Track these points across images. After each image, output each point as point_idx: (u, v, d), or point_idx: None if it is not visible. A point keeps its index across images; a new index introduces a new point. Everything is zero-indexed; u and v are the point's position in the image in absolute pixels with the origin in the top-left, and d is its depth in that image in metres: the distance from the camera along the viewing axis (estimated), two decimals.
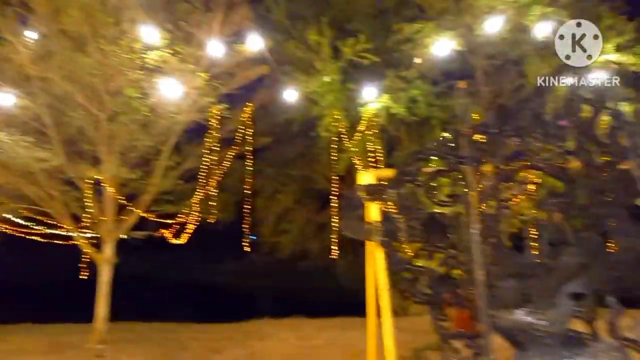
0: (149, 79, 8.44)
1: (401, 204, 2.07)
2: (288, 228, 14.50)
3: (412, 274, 2.00)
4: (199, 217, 11.76)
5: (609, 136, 2.24)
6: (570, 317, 2.00)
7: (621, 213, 2.14)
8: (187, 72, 8.62)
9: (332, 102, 10.60)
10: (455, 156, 2.16)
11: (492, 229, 2.09)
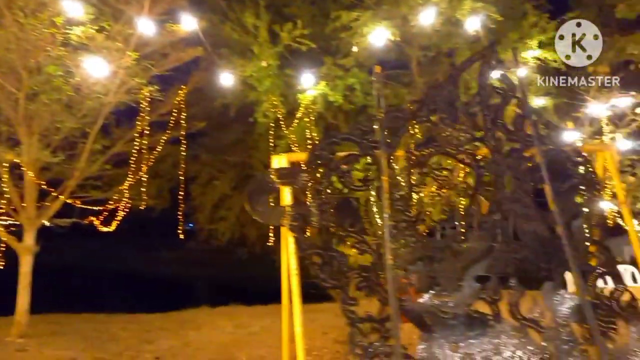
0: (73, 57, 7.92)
1: (313, 188, 2.03)
2: (225, 215, 14.25)
3: (322, 259, 1.97)
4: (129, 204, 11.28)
5: (515, 124, 2.30)
6: (475, 299, 2.05)
7: (525, 198, 2.22)
8: (114, 51, 8.15)
9: (269, 88, 10.44)
10: (369, 141, 2.14)
11: (403, 213, 2.09)
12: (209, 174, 13.78)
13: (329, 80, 10.34)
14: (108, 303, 13.43)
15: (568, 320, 2.12)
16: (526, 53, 9.52)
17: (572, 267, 2.13)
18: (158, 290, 15.80)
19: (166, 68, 9.51)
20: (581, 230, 2.22)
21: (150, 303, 13.45)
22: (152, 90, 9.32)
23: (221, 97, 11.43)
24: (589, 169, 2.32)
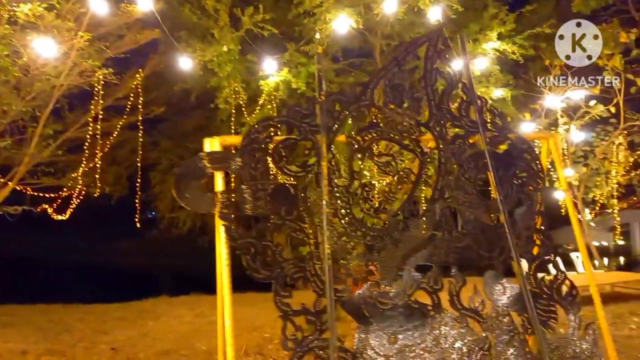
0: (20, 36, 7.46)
1: (248, 174, 1.89)
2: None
3: (255, 249, 1.84)
4: (84, 191, 10.85)
5: (460, 110, 2.23)
6: (415, 289, 1.98)
7: (468, 186, 2.15)
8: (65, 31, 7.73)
9: (230, 73, 10.14)
10: (309, 124, 2.02)
11: (344, 200, 1.99)
12: (169, 160, 13.39)
13: (291, 67, 10.15)
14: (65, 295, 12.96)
15: (508, 309, 2.08)
16: (486, 44, 9.58)
17: (514, 255, 2.08)
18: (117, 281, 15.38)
19: (122, 50, 9.13)
20: (523, 218, 2.17)
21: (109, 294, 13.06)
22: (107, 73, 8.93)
23: (181, 82, 11.08)
24: (533, 157, 2.27)
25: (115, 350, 8.68)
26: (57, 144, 9.79)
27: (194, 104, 12.22)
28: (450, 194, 2.14)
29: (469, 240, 2.10)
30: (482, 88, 9.56)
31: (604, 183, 10.98)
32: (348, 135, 2.09)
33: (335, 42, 10.22)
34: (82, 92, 9.50)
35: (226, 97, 10.34)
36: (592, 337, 2.13)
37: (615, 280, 10.48)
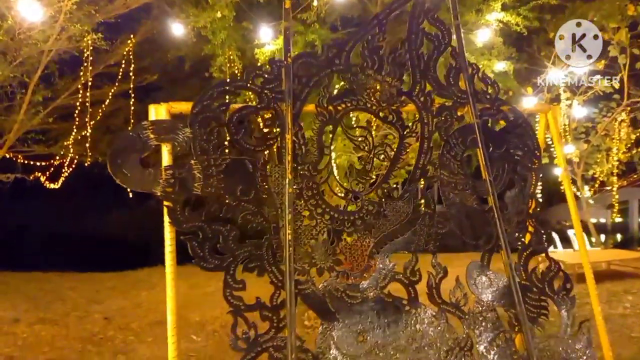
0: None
1: (199, 147, 1.61)
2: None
3: (203, 234, 1.58)
4: (76, 160, 10.62)
5: (448, 78, 1.93)
6: (389, 280, 1.72)
7: (453, 164, 1.87)
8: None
9: (225, 41, 9.74)
10: (272, 91, 1.73)
11: (310, 179, 1.71)
12: None
13: None
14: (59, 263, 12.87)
15: (494, 304, 1.82)
16: (490, 15, 9.15)
17: (502, 243, 1.82)
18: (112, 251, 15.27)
19: (112, 15, 8.73)
20: (515, 201, 1.90)
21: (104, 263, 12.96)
22: (97, 38, 8.57)
23: (174, 49, 10.70)
24: (529, 132, 1.98)
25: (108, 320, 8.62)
26: (47, 111, 9.50)
27: (188, 73, 11.83)
28: (433, 173, 1.86)
29: (453, 225, 1.83)
30: (485, 61, 9.18)
31: (605, 160, 10.68)
32: (318, 105, 1.79)
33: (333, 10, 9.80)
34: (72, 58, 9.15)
35: (220, 66, 9.98)
36: (587, 336, 1.88)
37: (611, 258, 10.30)
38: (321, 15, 10.10)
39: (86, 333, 7.91)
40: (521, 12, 9.15)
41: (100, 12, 8.41)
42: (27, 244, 16.56)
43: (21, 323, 8.19)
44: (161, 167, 1.61)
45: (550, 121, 2.19)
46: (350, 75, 1.84)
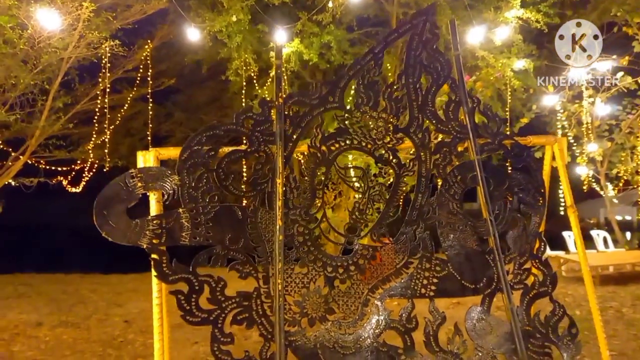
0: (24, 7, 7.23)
1: (187, 195, 1.58)
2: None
3: (191, 286, 1.55)
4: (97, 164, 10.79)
5: (447, 112, 1.84)
6: (384, 328, 1.66)
7: (452, 204, 1.79)
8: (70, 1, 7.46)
9: (240, 44, 9.74)
10: (262, 133, 1.67)
11: (302, 225, 1.66)
12: (183, 133, 13.21)
13: (303, 38, 9.68)
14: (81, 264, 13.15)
15: (495, 351, 1.75)
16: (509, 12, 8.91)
17: (504, 286, 1.73)
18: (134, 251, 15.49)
19: (129, 21, 8.83)
20: (517, 242, 1.81)
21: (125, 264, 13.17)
22: (115, 44, 8.66)
23: (191, 53, 10.76)
24: (533, 168, 1.88)
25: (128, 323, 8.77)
26: (67, 117, 9.66)
27: (205, 76, 11.89)
28: (430, 213, 1.78)
29: (451, 268, 1.75)
30: (504, 59, 8.96)
31: (629, 158, 10.34)
32: (310, 145, 1.73)
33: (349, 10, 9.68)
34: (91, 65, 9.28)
35: (236, 69, 10.00)
36: None
37: (636, 260, 9.98)
38: (337, 16, 10.00)
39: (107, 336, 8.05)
40: (541, 8, 8.89)
41: (118, 19, 8.50)
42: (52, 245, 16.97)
43: (44, 326, 8.38)
44: (148, 218, 1.58)
45: (556, 153, 2.08)
46: (344, 113, 1.77)
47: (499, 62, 9.12)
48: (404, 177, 1.78)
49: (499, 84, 9.14)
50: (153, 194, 1.59)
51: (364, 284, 1.67)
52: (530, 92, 10.30)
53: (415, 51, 1.85)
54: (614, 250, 10.87)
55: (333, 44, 10.08)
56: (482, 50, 8.67)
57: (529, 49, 9.44)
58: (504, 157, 1.89)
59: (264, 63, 10.00)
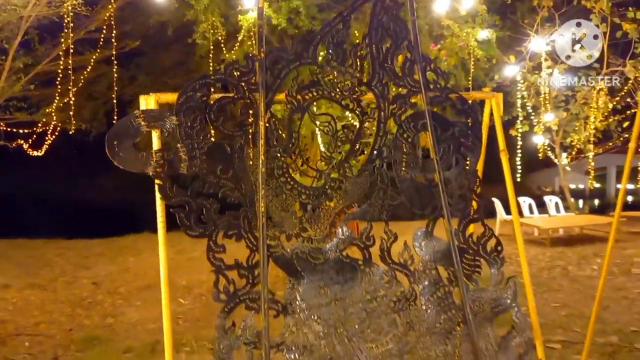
0: None
1: (184, 133, 1.93)
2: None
3: (189, 207, 1.93)
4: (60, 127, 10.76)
5: (404, 69, 2.25)
6: (347, 244, 2.10)
7: (405, 146, 2.22)
8: None
9: (208, 7, 9.77)
10: (247, 83, 2.04)
11: (280, 160, 2.05)
12: None
13: (272, 2, 9.79)
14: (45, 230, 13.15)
15: (435, 264, 2.22)
16: None
17: (445, 213, 2.19)
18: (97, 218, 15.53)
19: None
20: (458, 178, 2.27)
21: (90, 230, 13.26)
22: (77, 3, 8.58)
23: (157, 15, 10.68)
24: (473, 118, 2.32)
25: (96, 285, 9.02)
26: (28, 77, 9.59)
27: (171, 39, 11.84)
28: (387, 153, 2.20)
29: (403, 198, 2.20)
30: (468, 28, 9.37)
31: (582, 128, 11.11)
32: (288, 94, 2.11)
33: None
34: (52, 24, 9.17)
35: (204, 32, 10.03)
36: (512, 289, 2.30)
37: (584, 223, 10.91)
38: None
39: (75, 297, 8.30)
40: None
41: None
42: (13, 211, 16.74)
43: (11, 288, 8.51)
44: (152, 151, 1.93)
45: (493, 107, 2.53)
46: (316, 67, 2.15)
47: (463, 31, 9.52)
48: (366, 122, 2.19)
49: (462, 53, 9.56)
50: (155, 132, 1.94)
51: (331, 209, 2.09)
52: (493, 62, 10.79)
53: (378, 16, 2.23)
54: (565, 215, 11.79)
55: (302, 10, 10.25)
56: (447, 20, 9.04)
57: (493, 19, 9.89)
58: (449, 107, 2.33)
59: (232, 26, 10.08)
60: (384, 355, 2.13)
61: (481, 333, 2.25)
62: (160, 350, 5.61)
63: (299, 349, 2.02)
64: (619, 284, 8.22)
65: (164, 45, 12.36)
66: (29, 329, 6.65)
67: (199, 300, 7.88)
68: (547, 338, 5.99)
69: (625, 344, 5.61)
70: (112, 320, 7.15)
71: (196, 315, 7.23)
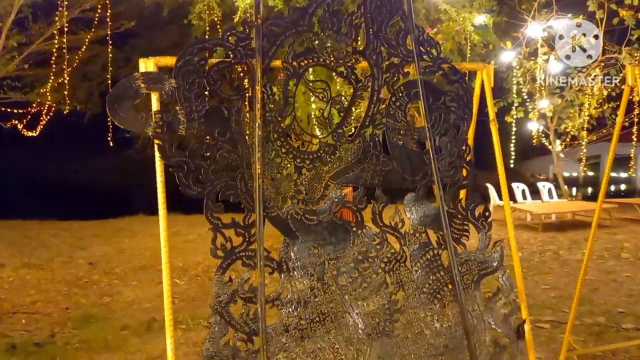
0: None
1: (182, 95, 2.00)
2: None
3: (188, 167, 2.00)
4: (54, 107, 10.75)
5: (397, 39, 2.31)
6: (340, 207, 2.18)
7: (397, 113, 2.29)
8: None
9: None
10: (244, 48, 2.10)
11: (276, 124, 2.13)
12: None
13: None
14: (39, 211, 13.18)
15: (425, 227, 2.31)
16: None
17: (435, 179, 2.28)
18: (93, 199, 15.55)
19: None
20: (448, 146, 2.35)
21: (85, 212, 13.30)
22: None
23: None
24: (464, 88, 2.40)
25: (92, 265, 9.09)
26: (22, 56, 9.55)
27: (167, 19, 11.81)
28: (380, 120, 2.28)
29: (395, 164, 2.28)
30: (465, 13, 9.40)
31: (577, 115, 11.21)
32: (284, 61, 2.17)
33: None
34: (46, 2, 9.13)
35: (200, 13, 10.01)
36: (499, 253, 2.40)
37: (576, 209, 11.07)
38: None
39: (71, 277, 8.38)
40: None
41: None
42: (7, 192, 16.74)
43: (6, 268, 8.57)
44: (151, 112, 2.00)
45: (484, 78, 2.61)
46: (312, 35, 2.21)
47: (460, 16, 9.53)
48: (360, 90, 2.26)
49: (459, 38, 9.58)
50: (154, 94, 2.01)
51: (325, 172, 2.18)
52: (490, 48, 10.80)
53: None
54: (558, 201, 11.95)
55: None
56: (444, 4, 9.05)
57: (490, 4, 9.91)
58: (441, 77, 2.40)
59: (228, 8, 10.06)
60: (375, 312, 2.23)
61: (468, 294, 2.35)
62: (156, 327, 5.71)
63: (293, 304, 2.12)
64: (609, 267, 8.38)
65: (159, 26, 12.32)
66: (25, 307, 6.73)
67: (194, 281, 7.97)
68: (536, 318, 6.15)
69: (612, 324, 5.77)
70: (108, 300, 7.24)
71: (192, 295, 7.32)
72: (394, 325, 2.26)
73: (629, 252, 9.21)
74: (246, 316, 2.05)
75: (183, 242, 10.38)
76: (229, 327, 2.03)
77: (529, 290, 7.38)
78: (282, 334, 2.10)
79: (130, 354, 4.97)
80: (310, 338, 2.14)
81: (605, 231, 10.83)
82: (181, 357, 4.64)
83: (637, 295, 6.88)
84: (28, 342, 5.27)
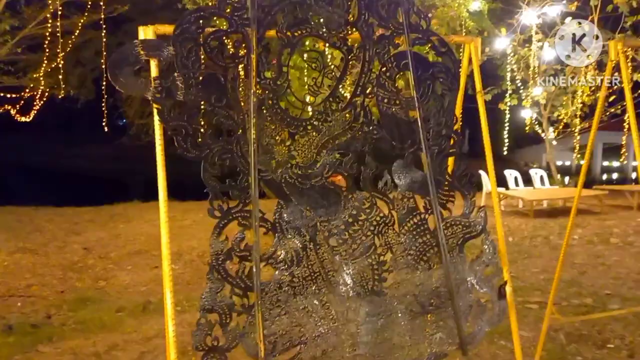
0: None
1: (180, 63, 2.10)
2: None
3: (186, 131, 2.10)
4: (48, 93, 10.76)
5: (388, 11, 2.42)
6: (332, 172, 2.29)
7: (388, 83, 2.40)
8: None
9: None
10: (240, 17, 2.19)
11: (271, 92, 2.23)
12: None
13: None
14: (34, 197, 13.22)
15: (413, 193, 2.43)
16: None
17: (423, 147, 2.39)
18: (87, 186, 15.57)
19: None
20: (436, 115, 2.46)
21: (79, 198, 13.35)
22: None
23: None
24: (452, 59, 2.51)
25: (87, 250, 9.18)
26: (15, 40, 9.54)
27: (160, 5, 11.83)
28: (371, 90, 2.39)
29: (385, 132, 2.39)
30: None
31: (570, 102, 11.34)
32: (278, 31, 2.27)
33: None
34: None
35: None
36: (482, 217, 2.53)
37: (567, 195, 11.25)
38: None
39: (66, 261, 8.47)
40: None
41: None
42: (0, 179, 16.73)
43: (1, 252, 8.64)
44: (151, 78, 2.09)
45: (472, 51, 2.72)
46: (305, 6, 2.31)
47: (455, 1, 9.61)
48: (352, 61, 2.36)
49: (454, 23, 9.65)
50: (153, 60, 2.10)
51: (318, 139, 2.29)
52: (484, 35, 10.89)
53: None
54: (549, 188, 12.13)
55: None
56: None
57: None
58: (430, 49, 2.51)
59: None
60: (364, 272, 2.37)
61: (453, 257, 2.48)
62: (152, 310, 5.83)
63: (286, 262, 2.24)
64: (598, 252, 8.58)
65: (152, 11, 12.33)
66: (21, 290, 6.82)
67: (189, 266, 8.09)
68: (525, 299, 6.32)
69: (598, 304, 5.96)
70: (103, 283, 7.34)
71: (187, 279, 7.44)
72: (382, 284, 2.39)
73: (617, 237, 9.41)
74: (242, 273, 2.17)
75: (178, 228, 10.47)
76: (225, 283, 2.15)
77: (519, 273, 7.55)
78: (275, 290, 2.23)
79: (126, 334, 5.09)
80: (302, 295, 2.26)
81: (596, 217, 11.03)
82: (176, 337, 4.78)
83: (624, 278, 7.08)
84: (24, 323, 5.38)
